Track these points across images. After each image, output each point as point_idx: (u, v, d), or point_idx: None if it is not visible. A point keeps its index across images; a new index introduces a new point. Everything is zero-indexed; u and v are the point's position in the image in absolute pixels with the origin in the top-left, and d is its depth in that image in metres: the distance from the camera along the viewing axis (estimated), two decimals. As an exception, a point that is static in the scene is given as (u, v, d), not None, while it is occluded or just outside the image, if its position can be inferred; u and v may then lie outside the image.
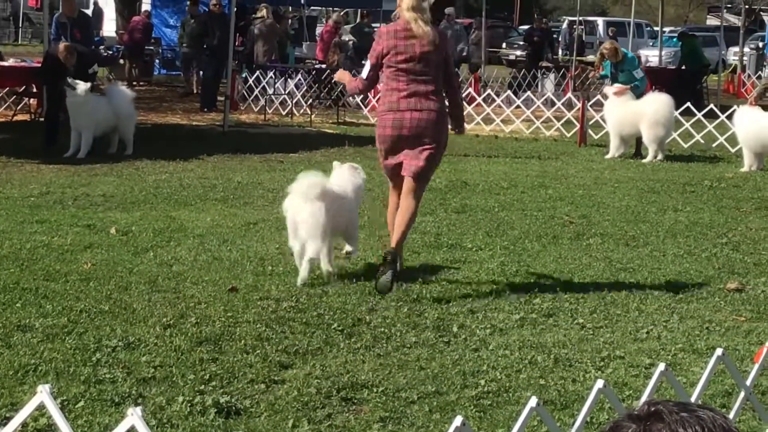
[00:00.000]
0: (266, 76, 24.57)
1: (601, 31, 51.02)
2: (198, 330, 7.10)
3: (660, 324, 7.75)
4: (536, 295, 8.41)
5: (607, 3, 77.17)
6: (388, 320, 7.55)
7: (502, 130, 21.20)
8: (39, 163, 14.53)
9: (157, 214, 11.18)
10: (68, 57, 15.68)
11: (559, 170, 15.81)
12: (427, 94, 8.55)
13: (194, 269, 8.79)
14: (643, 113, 17.15)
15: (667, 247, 10.43)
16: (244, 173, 14.36)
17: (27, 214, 10.81)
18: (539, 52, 31.65)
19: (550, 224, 11.42)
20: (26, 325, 7.07)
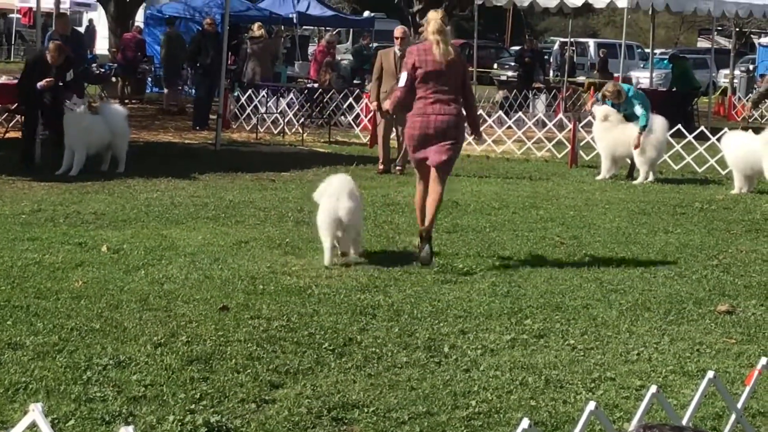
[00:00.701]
0: (258, 94, 24.60)
1: (592, 53, 51.18)
2: (189, 349, 7.10)
3: (651, 346, 7.76)
4: (527, 315, 8.42)
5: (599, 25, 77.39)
6: (379, 340, 7.55)
7: (493, 151, 21.23)
8: (30, 180, 14.52)
9: (148, 232, 11.18)
10: (56, 56, 15.66)
11: (551, 191, 15.83)
12: (448, 101, 10.38)
13: (185, 288, 8.78)
14: (635, 135, 17.19)
15: (658, 269, 10.44)
16: (236, 192, 14.36)
17: (18, 232, 10.80)
18: (530, 73, 31.70)
19: (541, 245, 11.43)
20: (17, 342, 7.06)
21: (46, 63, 15.74)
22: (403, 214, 12.98)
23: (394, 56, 16.94)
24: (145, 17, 34.80)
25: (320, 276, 9.46)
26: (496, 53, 55.64)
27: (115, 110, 16.85)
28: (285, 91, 25.83)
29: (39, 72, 15.76)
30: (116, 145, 16.04)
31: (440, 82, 10.36)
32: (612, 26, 71.59)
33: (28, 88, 15.74)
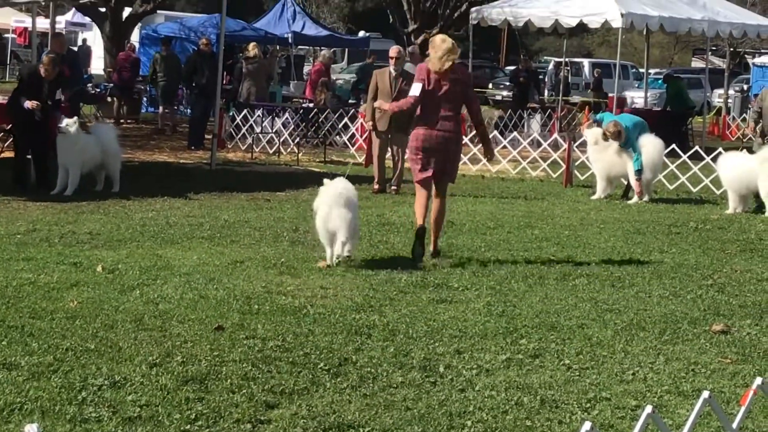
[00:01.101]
0: (254, 114, 24.64)
1: (587, 73, 51.30)
2: (184, 369, 7.09)
3: (646, 366, 7.76)
4: (522, 335, 8.42)
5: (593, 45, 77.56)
6: (375, 360, 7.55)
7: (488, 170, 21.25)
8: (26, 200, 14.51)
9: (143, 252, 11.18)
10: (50, 69, 15.67)
11: (546, 211, 15.85)
12: (449, 118, 11.36)
13: (180, 308, 8.78)
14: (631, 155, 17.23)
15: (653, 289, 10.45)
16: (231, 211, 14.36)
17: (13, 252, 10.80)
18: (525, 93, 31.77)
19: (536, 264, 11.43)
20: (12, 363, 7.04)
21: (40, 77, 15.75)
22: (398, 234, 12.99)
23: (389, 76, 16.99)
24: (141, 37, 34.88)
25: (315, 296, 9.46)
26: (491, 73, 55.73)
27: (107, 130, 16.87)
28: (280, 110, 25.88)
29: (32, 87, 15.76)
30: (109, 165, 16.04)
31: (443, 100, 11.32)
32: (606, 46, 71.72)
33: (19, 104, 15.71)
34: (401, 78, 17.00)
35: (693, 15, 27.54)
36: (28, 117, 15.60)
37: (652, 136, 17.70)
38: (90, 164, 15.82)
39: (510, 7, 28.55)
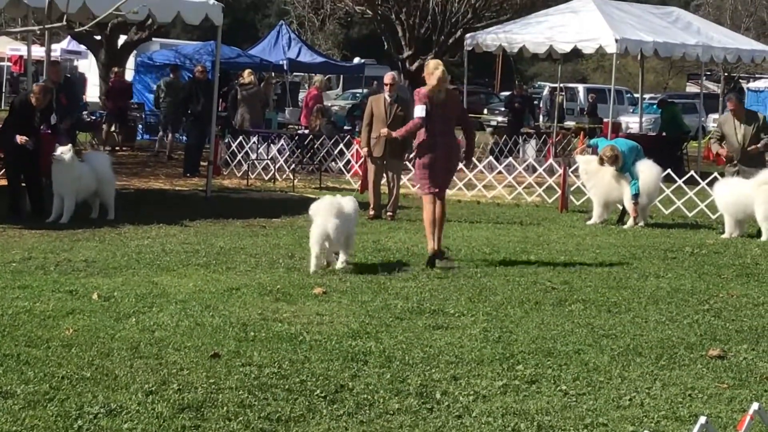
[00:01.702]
0: (249, 141, 24.67)
1: (582, 98, 51.43)
2: (180, 397, 7.07)
3: (643, 391, 7.75)
4: (519, 361, 8.41)
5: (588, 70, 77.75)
6: (371, 386, 7.54)
7: (484, 196, 21.28)
8: (21, 228, 14.51)
9: (139, 279, 11.16)
10: (40, 98, 15.70)
11: (541, 236, 15.86)
12: (447, 134, 12.98)
13: (176, 335, 8.76)
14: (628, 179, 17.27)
15: (649, 314, 10.45)
16: (227, 238, 14.36)
17: (9, 280, 10.78)
18: (520, 119, 31.84)
19: (533, 290, 11.43)
20: (7, 391, 7.02)
21: (31, 106, 15.78)
22: (394, 260, 12.99)
23: (385, 102, 17.02)
24: (136, 64, 34.93)
25: (311, 322, 9.45)
26: (486, 99, 55.86)
27: (102, 157, 16.88)
28: (276, 137, 25.92)
29: (24, 116, 15.78)
30: (104, 193, 16.04)
31: (442, 120, 12.83)
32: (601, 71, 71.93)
33: (11, 133, 15.72)
34: (396, 104, 17.02)
35: (687, 40, 27.65)
36: (19, 146, 15.61)
37: (649, 161, 17.75)
38: (85, 192, 15.82)
39: (504, 33, 28.66)
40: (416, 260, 13.03)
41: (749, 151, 17.35)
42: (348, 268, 12.25)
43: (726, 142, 17.48)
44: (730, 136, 17.35)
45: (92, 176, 15.81)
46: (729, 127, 17.39)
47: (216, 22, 19.01)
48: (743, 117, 17.45)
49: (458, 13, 35.91)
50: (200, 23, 19.43)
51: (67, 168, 15.41)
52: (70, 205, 15.45)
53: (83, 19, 19.32)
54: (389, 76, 17.67)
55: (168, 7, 18.26)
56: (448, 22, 35.68)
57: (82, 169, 15.74)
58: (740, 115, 17.44)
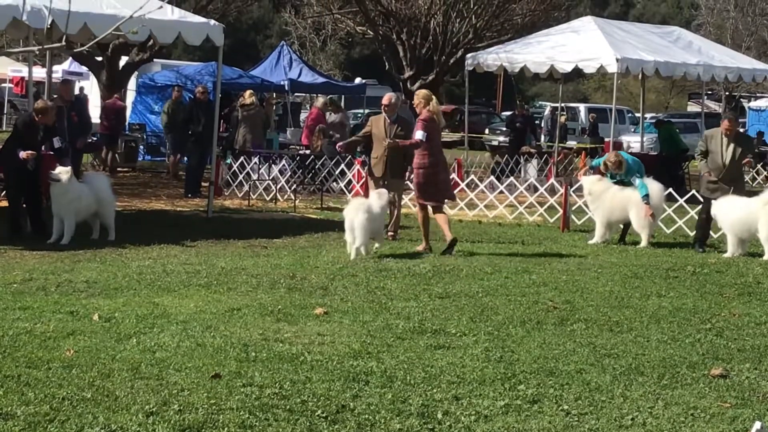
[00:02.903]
0: (250, 161, 24.69)
1: (583, 117, 51.49)
2: (181, 417, 7.05)
3: (645, 410, 7.73)
4: (521, 381, 8.39)
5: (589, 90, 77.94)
6: (373, 407, 7.52)
7: (485, 216, 21.28)
8: (22, 249, 14.50)
9: (140, 300, 11.15)
10: (46, 114, 15.73)
11: (543, 255, 15.84)
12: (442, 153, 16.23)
13: (177, 356, 8.75)
14: (628, 200, 17.28)
15: (651, 333, 10.43)
16: (228, 259, 14.35)
17: (9, 301, 10.77)
18: (522, 138, 31.87)
19: (534, 309, 11.41)
20: (8, 413, 7.01)
21: (35, 125, 15.80)
22: (395, 280, 12.98)
23: (385, 122, 16.99)
24: (137, 85, 34.99)
25: (313, 342, 9.43)
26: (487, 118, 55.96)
27: (101, 178, 16.87)
28: (277, 157, 25.93)
29: (27, 136, 15.80)
30: (103, 213, 16.00)
31: (435, 140, 16.06)
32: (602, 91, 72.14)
33: (13, 153, 15.73)
34: (396, 124, 16.99)
35: (688, 59, 27.71)
36: (20, 166, 15.63)
37: (652, 180, 17.75)
38: (84, 213, 15.80)
39: (506, 52, 28.73)
40: (417, 280, 13.02)
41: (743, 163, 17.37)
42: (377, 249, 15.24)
43: (709, 159, 17.29)
44: (715, 154, 17.17)
45: (91, 197, 15.80)
46: (716, 144, 17.21)
47: (217, 42, 19.05)
48: (735, 138, 17.29)
49: (459, 33, 36.03)
50: (201, 44, 19.47)
51: (64, 189, 15.41)
52: (70, 226, 15.45)
53: (84, 40, 19.34)
54: (386, 97, 17.57)
55: (169, 28, 18.31)
56: (449, 43, 35.78)
57: (81, 190, 15.73)
58: (732, 135, 17.28)
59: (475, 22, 36.22)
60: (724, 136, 17.12)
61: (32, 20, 15.90)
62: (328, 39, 62.92)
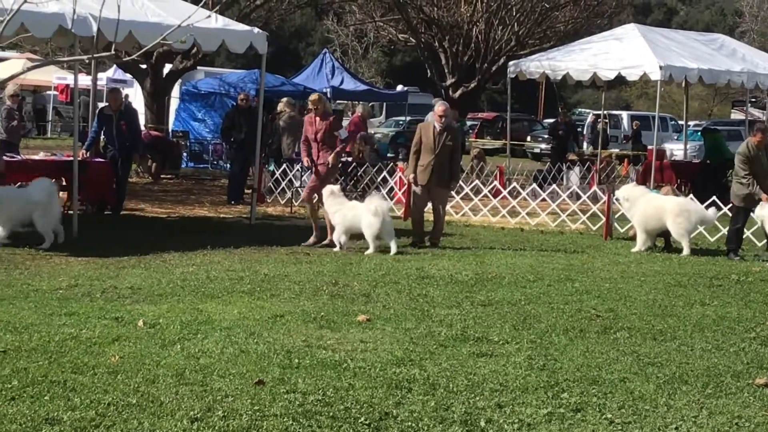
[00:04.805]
0: (293, 168, 24.75)
1: (626, 125, 51.30)
2: (225, 424, 7.09)
3: (689, 420, 7.70)
4: (564, 389, 8.37)
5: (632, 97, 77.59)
6: (415, 414, 7.53)
7: (527, 223, 21.24)
8: (68, 255, 14.61)
9: (184, 306, 11.21)
10: None
11: (586, 263, 15.80)
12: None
13: (221, 362, 8.79)
14: (666, 208, 17.23)
15: (695, 342, 10.39)
16: (271, 265, 14.40)
17: (55, 307, 10.86)
18: (564, 146, 31.79)
19: (577, 318, 11.39)
20: (54, 418, 7.07)
21: None
22: (437, 287, 12.99)
23: (434, 131, 17.03)
24: (181, 93, 35.19)
25: (355, 350, 9.45)
26: (529, 126, 55.86)
27: (41, 185, 16.04)
28: (319, 164, 25.93)
29: None
30: (37, 220, 15.30)
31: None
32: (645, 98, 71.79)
33: None
34: (445, 133, 17.04)
35: (732, 67, 27.54)
36: None
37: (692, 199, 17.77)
38: (16, 220, 15.35)
39: (548, 60, 28.67)
40: (459, 288, 13.02)
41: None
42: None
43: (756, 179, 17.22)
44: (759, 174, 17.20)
45: (21, 204, 15.37)
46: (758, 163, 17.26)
47: (260, 50, 19.14)
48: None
49: (501, 41, 35.95)
50: (245, 52, 19.56)
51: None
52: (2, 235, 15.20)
53: (129, 48, 19.49)
54: (443, 107, 17.59)
55: (213, 36, 18.41)
56: (491, 50, 35.71)
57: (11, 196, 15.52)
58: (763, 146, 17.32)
59: (518, 29, 36.14)
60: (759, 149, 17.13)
61: (79, 29, 16.02)
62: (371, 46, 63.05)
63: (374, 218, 16.05)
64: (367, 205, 16.29)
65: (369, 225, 16.09)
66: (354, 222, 16.30)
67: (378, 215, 16.05)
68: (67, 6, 15.57)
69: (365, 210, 16.20)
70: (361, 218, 16.19)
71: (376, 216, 16.04)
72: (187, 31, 11.77)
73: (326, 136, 16.93)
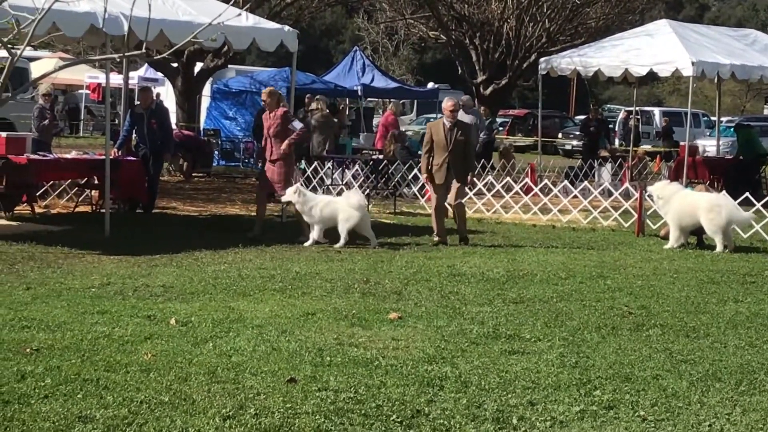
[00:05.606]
0: (324, 166, 24.77)
1: (658, 121, 51.08)
2: (257, 421, 7.10)
3: (723, 417, 7.66)
4: (596, 386, 8.35)
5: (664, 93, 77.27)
6: (447, 412, 7.52)
7: (559, 220, 21.19)
8: (100, 254, 14.67)
9: (216, 304, 11.24)
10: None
11: (618, 260, 15.74)
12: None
13: (253, 360, 8.80)
14: (700, 205, 17.14)
15: (729, 339, 10.33)
16: (302, 263, 14.41)
17: (88, 305, 10.90)
18: (596, 142, 31.69)
19: (609, 315, 11.35)
20: (87, 416, 7.10)
21: None
22: (469, 285, 12.97)
23: (444, 128, 16.86)
24: (212, 91, 35.27)
25: (387, 347, 9.45)
26: (560, 123, 55.73)
27: None
28: (350, 162, 26.00)
29: None
30: None
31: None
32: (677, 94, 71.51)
33: None
34: (456, 129, 16.89)
35: (765, 62, 27.38)
36: None
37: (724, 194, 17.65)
38: None
39: (579, 56, 28.60)
40: (491, 285, 13.00)
41: None
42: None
43: None
44: None
45: None
46: None
47: (291, 48, 19.16)
48: None
49: (532, 38, 35.89)
50: (275, 50, 19.59)
51: None
52: None
53: (160, 47, 19.56)
54: (451, 102, 17.45)
55: (244, 34, 18.45)
56: (522, 47, 35.66)
57: None
58: None
59: (549, 26, 36.07)
60: None
61: (110, 27, 16.08)
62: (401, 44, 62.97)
63: (355, 212, 16.35)
64: (346, 200, 16.60)
65: (347, 219, 16.36)
66: (332, 216, 16.46)
67: (360, 210, 16.37)
68: (98, 5, 15.62)
69: (344, 204, 16.46)
70: (338, 212, 16.39)
71: (358, 210, 16.35)
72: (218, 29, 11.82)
73: (279, 130, 17.00)
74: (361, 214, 16.42)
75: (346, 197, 16.72)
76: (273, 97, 17.10)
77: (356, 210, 16.32)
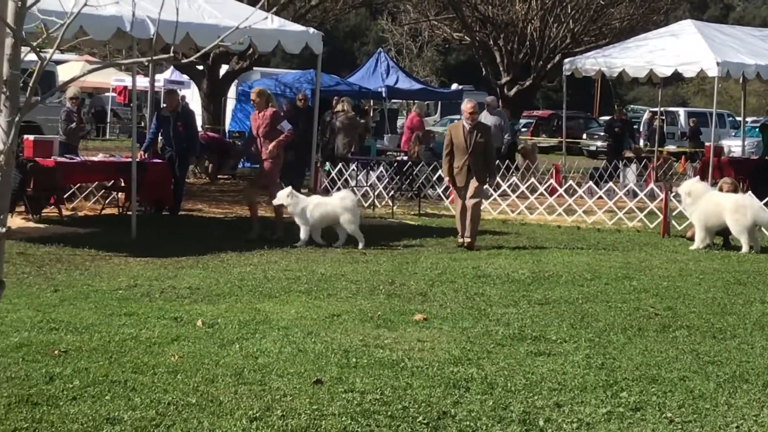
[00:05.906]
0: (348, 168, 24.80)
1: (683, 122, 50.92)
2: (284, 423, 7.12)
3: (750, 418, 7.64)
4: (623, 388, 8.34)
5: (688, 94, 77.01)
6: (474, 413, 7.52)
7: (584, 221, 21.16)
8: (126, 256, 14.74)
9: (242, 306, 11.27)
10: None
11: (643, 261, 15.71)
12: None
13: (279, 361, 8.83)
14: (726, 206, 17.08)
15: (756, 340, 10.30)
16: (328, 265, 14.44)
17: (115, 307, 10.96)
18: (620, 143, 31.62)
19: (635, 316, 11.33)
20: (115, 417, 7.13)
21: None
22: (494, 286, 12.97)
23: (464, 130, 16.76)
24: (237, 93, 35.36)
25: (413, 349, 9.46)
26: (584, 123, 55.63)
27: None
28: (375, 164, 26.01)
29: None
30: None
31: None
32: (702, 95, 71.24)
33: None
34: (476, 131, 16.79)
35: (790, 62, 27.23)
36: None
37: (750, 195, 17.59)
38: None
39: (604, 57, 28.54)
40: (516, 287, 13.00)
41: None
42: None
43: None
44: None
45: None
46: None
47: (316, 50, 19.21)
48: None
49: (556, 38, 35.84)
50: (300, 52, 19.64)
51: None
52: None
53: (186, 50, 19.63)
54: (471, 105, 17.31)
55: (269, 36, 18.51)
56: (546, 48, 35.62)
57: None
58: None
59: (573, 26, 36.02)
60: None
61: (137, 31, 16.17)
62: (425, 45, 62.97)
63: (354, 212, 16.65)
64: (342, 200, 16.75)
65: (351, 220, 16.59)
66: (323, 217, 16.58)
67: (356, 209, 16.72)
68: (125, 9, 15.71)
69: (341, 204, 16.61)
70: (337, 212, 16.55)
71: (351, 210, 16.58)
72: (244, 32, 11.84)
73: (268, 130, 17.15)
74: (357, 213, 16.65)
75: (340, 198, 16.80)
76: (262, 97, 17.15)
77: (350, 210, 16.48)
